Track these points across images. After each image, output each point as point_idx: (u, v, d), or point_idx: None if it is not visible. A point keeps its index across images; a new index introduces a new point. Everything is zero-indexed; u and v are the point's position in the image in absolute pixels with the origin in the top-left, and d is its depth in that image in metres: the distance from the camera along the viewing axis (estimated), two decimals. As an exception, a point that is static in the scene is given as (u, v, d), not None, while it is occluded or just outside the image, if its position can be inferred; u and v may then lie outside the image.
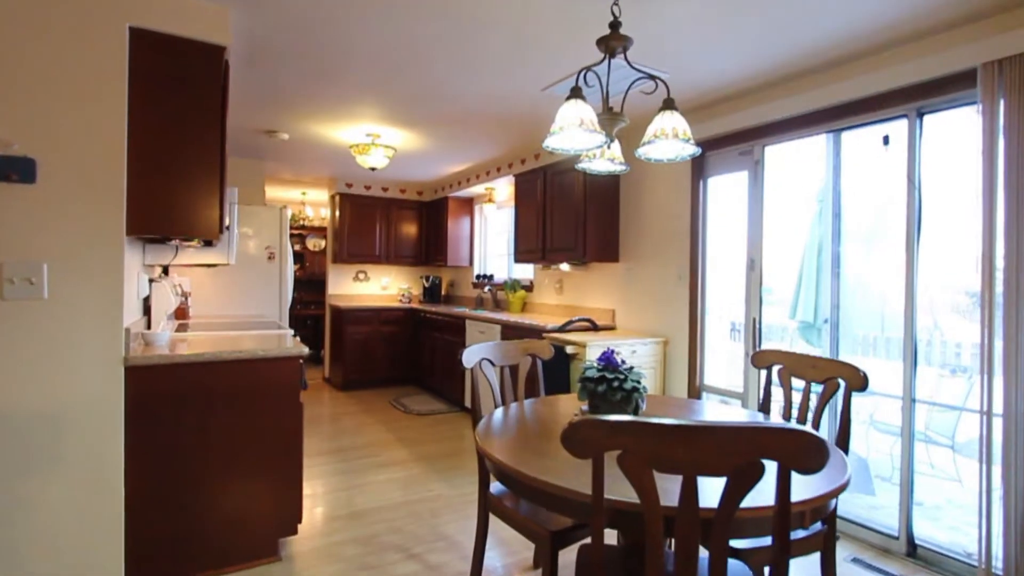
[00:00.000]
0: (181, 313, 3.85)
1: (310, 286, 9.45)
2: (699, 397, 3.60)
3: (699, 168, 3.60)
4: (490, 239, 6.44)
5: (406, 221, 6.73)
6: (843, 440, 1.89)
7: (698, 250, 3.60)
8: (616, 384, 1.86)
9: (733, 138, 3.36)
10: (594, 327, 4.08)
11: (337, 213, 6.40)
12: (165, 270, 4.13)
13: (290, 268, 4.60)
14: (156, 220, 2.21)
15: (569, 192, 4.27)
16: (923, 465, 3.43)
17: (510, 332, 4.40)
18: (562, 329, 3.93)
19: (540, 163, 4.63)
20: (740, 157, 3.39)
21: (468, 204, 6.52)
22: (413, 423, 4.80)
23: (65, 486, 2.00)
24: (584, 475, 1.23)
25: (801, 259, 4.02)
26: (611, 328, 4.26)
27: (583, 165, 2.36)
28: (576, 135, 1.93)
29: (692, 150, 2.00)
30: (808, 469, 0.99)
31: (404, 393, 5.95)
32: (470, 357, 2.18)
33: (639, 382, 1.90)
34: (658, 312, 3.89)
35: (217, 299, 4.29)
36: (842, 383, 1.95)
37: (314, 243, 9.66)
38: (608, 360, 1.93)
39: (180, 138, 2.26)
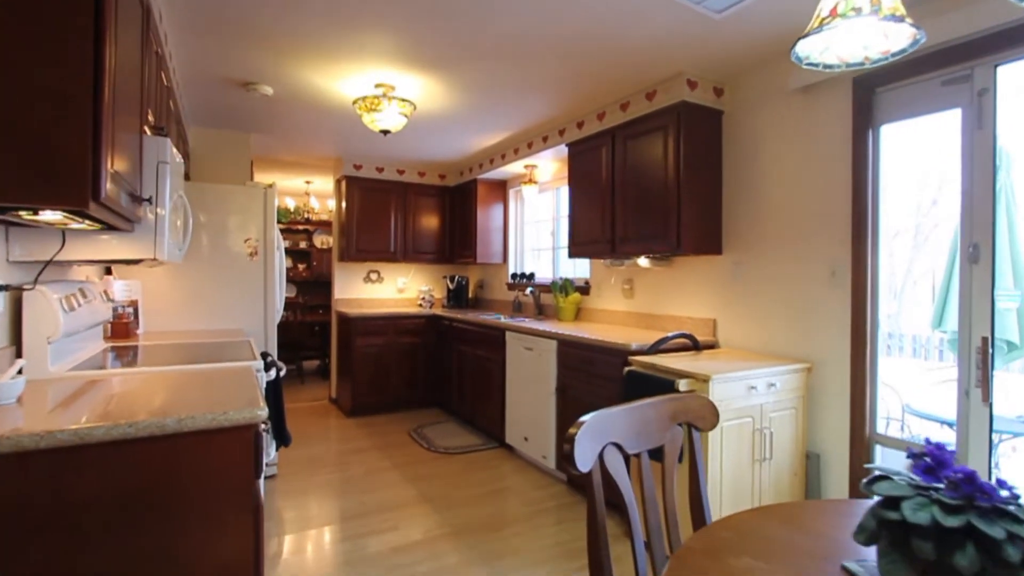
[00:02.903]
0: (122, 330, 2.77)
1: (318, 288, 8.42)
2: (871, 455, 2.42)
3: (864, 111, 2.43)
4: (529, 230, 5.31)
5: (426, 210, 5.62)
6: None
7: (865, 234, 2.42)
8: (1001, 550, 0.71)
9: (931, 59, 2.18)
10: (695, 346, 2.92)
11: (344, 203, 5.32)
12: (107, 270, 3.06)
13: (279, 267, 3.52)
14: (-50, 169, 1.11)
15: (651, 160, 3.11)
16: None
17: (571, 351, 3.26)
18: (655, 349, 2.78)
19: (606, 124, 3.48)
20: (944, 88, 2.21)
21: (501, 188, 5.39)
22: (440, 467, 3.68)
23: None
24: None
25: (951, 249, 2.88)
26: (712, 346, 3.10)
27: (805, 49, 1.18)
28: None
29: None
30: None
31: (426, 420, 4.84)
32: (588, 443, 1.04)
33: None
34: (792, 325, 2.72)
35: (183, 308, 3.22)
36: None
37: (322, 240, 8.62)
38: (965, 478, 0.78)
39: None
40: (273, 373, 2.19)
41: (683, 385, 2.25)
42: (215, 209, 3.29)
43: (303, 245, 8.43)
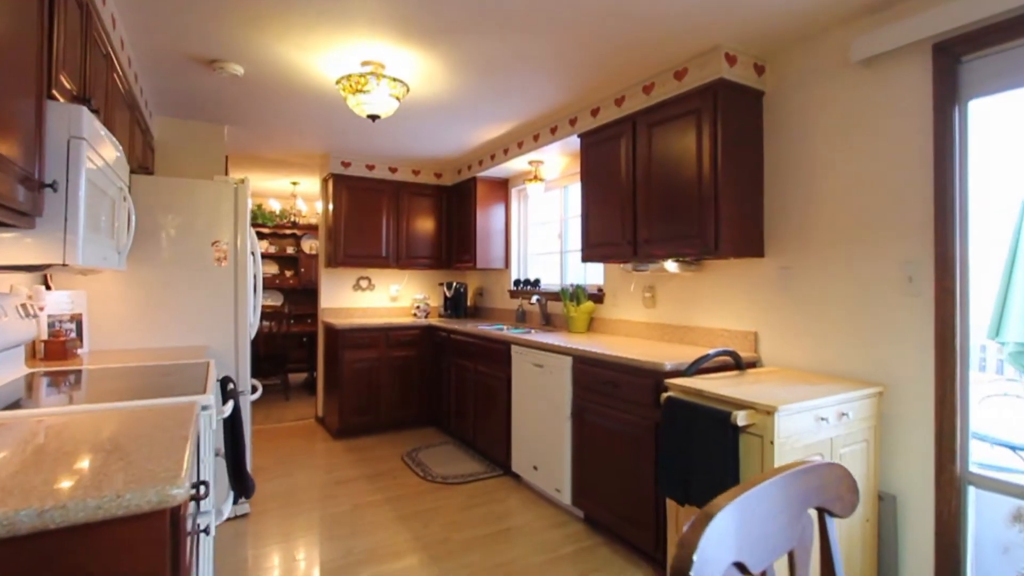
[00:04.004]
0: (57, 351, 2.32)
1: (306, 296, 7.97)
2: (963, 498, 1.99)
3: (948, 84, 2.02)
4: (534, 232, 4.88)
5: (421, 211, 5.18)
6: None
7: (952, 231, 2.01)
8: None
9: (1042, 17, 1.78)
10: (737, 365, 2.50)
11: (331, 204, 4.88)
12: (44, 281, 2.61)
13: (253, 275, 3.07)
14: None
15: (681, 149, 2.70)
16: None
17: (590, 369, 2.82)
18: (695, 369, 2.35)
19: (626, 110, 3.07)
20: (1059, 51, 1.80)
21: (503, 187, 4.96)
22: (437, 500, 3.23)
23: None
24: None
25: (1012, 249, 2.51)
26: (753, 364, 2.68)
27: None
28: None
29: None
30: None
31: (421, 442, 4.39)
32: (709, 567, 0.61)
33: None
34: (856, 339, 2.30)
35: (138, 323, 2.76)
36: None
37: (310, 245, 8.16)
38: None
39: None
40: (230, 407, 1.74)
41: (741, 418, 1.82)
42: (177, 207, 2.84)
43: (290, 250, 7.96)
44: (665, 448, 2.06)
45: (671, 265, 2.96)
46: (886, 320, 2.20)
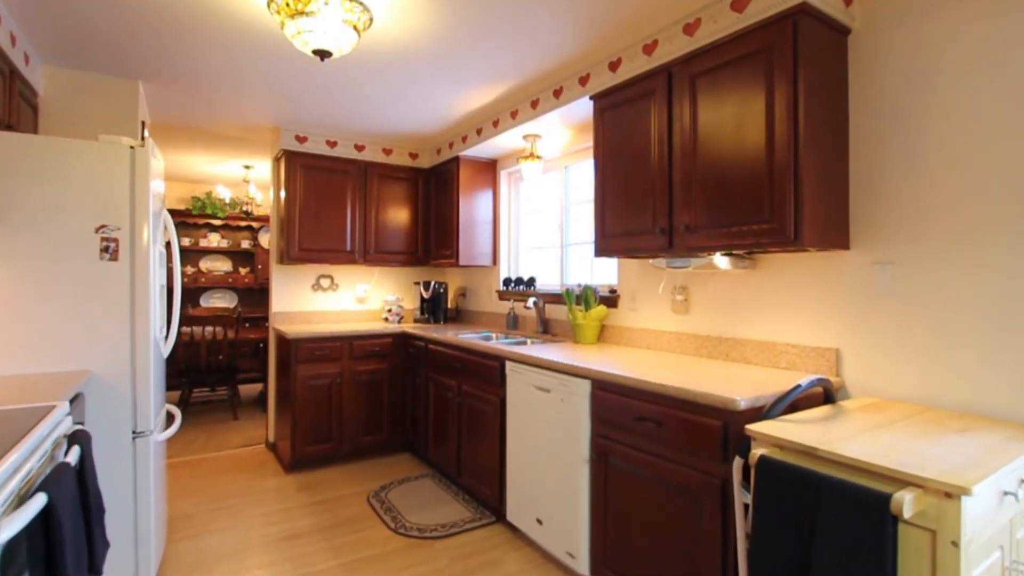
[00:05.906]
0: None
1: (264, 297, 7.13)
2: None
3: None
4: (528, 222, 4.16)
5: (393, 198, 4.41)
6: None
7: None
8: None
9: None
10: (828, 397, 1.82)
11: (283, 188, 4.07)
12: None
13: (154, 270, 2.28)
14: None
15: (741, 108, 2.00)
16: None
17: (617, 399, 2.11)
18: (782, 407, 1.66)
19: (658, 59, 2.36)
20: None
21: (490, 169, 4.22)
22: (413, 567, 2.48)
23: None
24: None
25: None
26: (836, 392, 2.01)
27: None
28: None
29: None
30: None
31: (392, 474, 3.63)
32: None
33: None
34: (1005, 365, 1.64)
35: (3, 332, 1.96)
36: None
37: (270, 239, 7.29)
38: None
39: None
40: (29, 513, 0.97)
41: (908, 506, 1.12)
42: (42, 177, 2.03)
43: (245, 245, 7.09)
44: (762, 537, 1.37)
45: (721, 260, 2.27)
46: (1057, 339, 1.54)
